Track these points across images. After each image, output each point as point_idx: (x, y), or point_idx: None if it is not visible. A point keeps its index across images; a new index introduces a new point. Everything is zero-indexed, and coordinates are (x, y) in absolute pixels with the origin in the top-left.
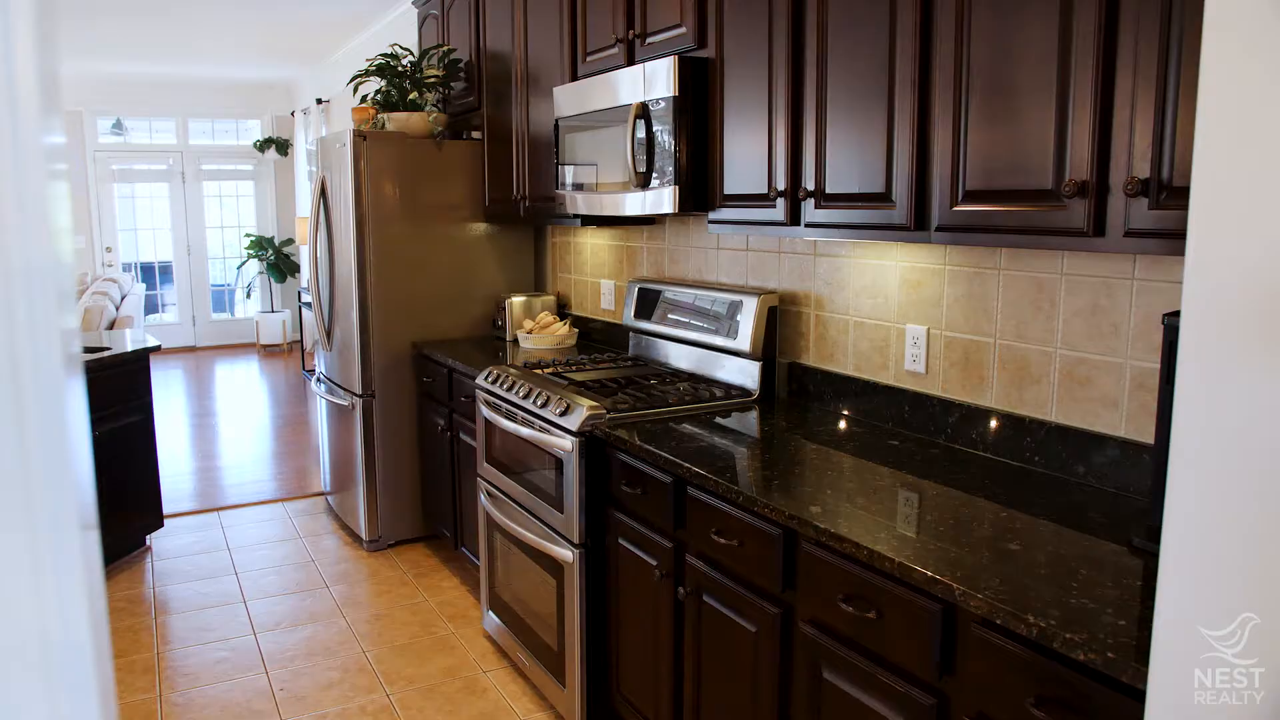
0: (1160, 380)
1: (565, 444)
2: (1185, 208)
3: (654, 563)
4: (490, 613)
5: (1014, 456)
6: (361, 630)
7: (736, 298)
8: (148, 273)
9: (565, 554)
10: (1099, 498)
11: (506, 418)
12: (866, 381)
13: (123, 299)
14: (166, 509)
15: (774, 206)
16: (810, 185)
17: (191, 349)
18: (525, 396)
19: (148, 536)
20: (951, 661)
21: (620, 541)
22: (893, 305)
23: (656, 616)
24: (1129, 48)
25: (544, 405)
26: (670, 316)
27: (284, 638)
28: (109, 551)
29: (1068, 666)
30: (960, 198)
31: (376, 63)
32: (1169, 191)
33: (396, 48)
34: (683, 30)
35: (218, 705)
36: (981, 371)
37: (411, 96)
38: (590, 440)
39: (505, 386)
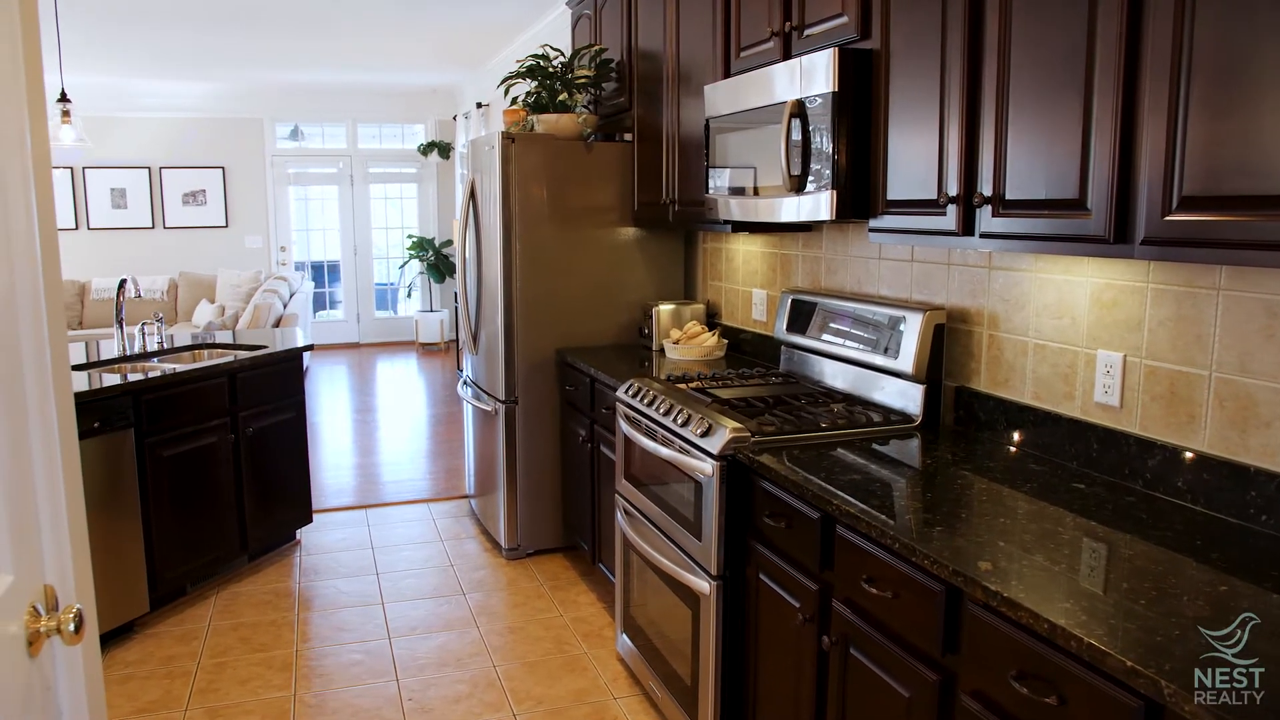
0: None
1: (705, 467)
2: None
3: (796, 604)
4: (624, 635)
5: (1232, 512)
6: (494, 643)
7: (899, 313)
8: (318, 271)
9: (702, 585)
10: None
11: (646, 435)
12: (1047, 412)
13: (291, 296)
14: (326, 503)
15: (944, 214)
16: (987, 190)
17: (355, 345)
18: (666, 413)
19: (298, 531)
20: None
21: (761, 577)
22: (1081, 327)
23: (798, 664)
24: None
25: (685, 424)
26: (825, 331)
27: (417, 644)
28: (260, 544)
29: None
30: (1174, 205)
31: (527, 64)
32: None
33: (548, 49)
34: (844, 20)
35: (348, 710)
36: (1191, 408)
37: (561, 98)
38: (732, 465)
39: (645, 401)
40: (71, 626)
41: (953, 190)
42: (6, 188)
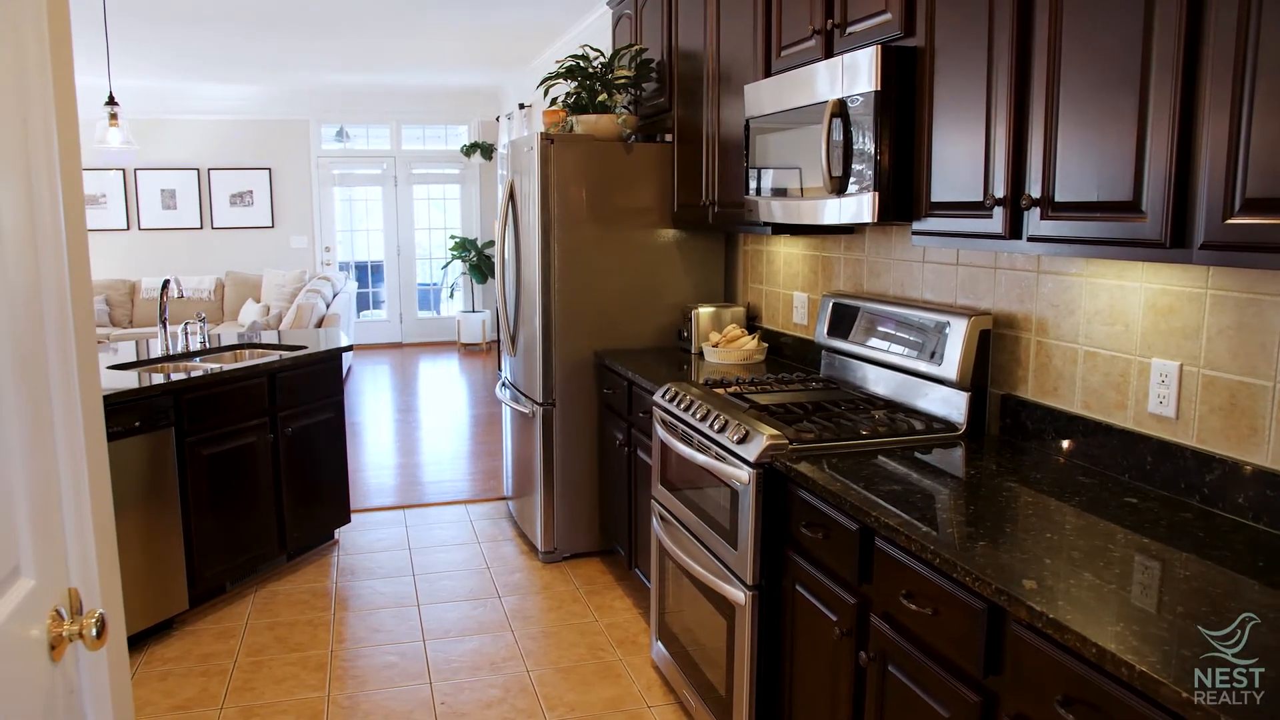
0: None
1: (741, 475)
2: None
3: (834, 618)
4: (659, 642)
5: None
6: (528, 647)
7: (943, 318)
8: (362, 271)
9: (737, 595)
10: None
11: (682, 440)
12: (1097, 422)
13: (334, 296)
14: (369, 502)
15: (990, 217)
16: (1035, 192)
17: (398, 345)
18: (702, 419)
19: (336, 531)
20: None
21: (797, 588)
22: (1134, 334)
23: (835, 679)
24: None
25: (721, 430)
26: (867, 336)
27: (451, 647)
28: (299, 544)
29: None
30: (1236, 208)
31: (566, 64)
32: None
33: (587, 49)
34: (888, 17)
35: (381, 713)
36: (1254, 421)
37: (601, 98)
38: (769, 473)
39: (682, 406)
40: (94, 632)
41: (999, 192)
42: (33, 189)
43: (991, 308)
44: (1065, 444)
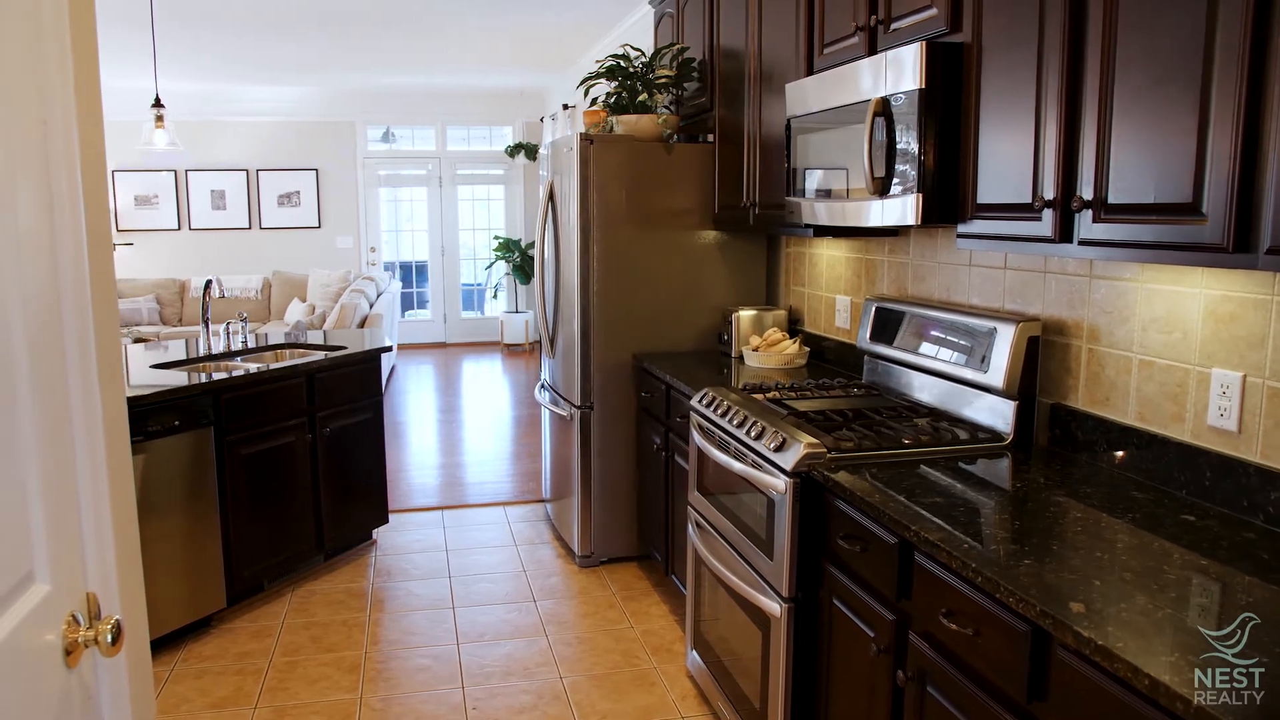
0: None
1: (778, 484)
2: None
3: (871, 634)
4: (694, 651)
5: None
6: (561, 653)
7: (990, 324)
8: (407, 271)
9: (773, 607)
10: None
11: (718, 447)
12: (1153, 435)
13: (378, 297)
14: (411, 502)
15: (1039, 219)
16: (1088, 194)
17: (442, 345)
18: (740, 425)
19: (374, 531)
20: None
21: (834, 601)
22: (1193, 343)
23: (872, 697)
24: None
25: (758, 437)
26: (910, 341)
27: (485, 652)
28: (336, 544)
29: None
30: None
31: (607, 64)
32: None
33: (628, 48)
34: (933, 12)
35: (412, 716)
36: None
37: (641, 98)
38: (806, 482)
39: (719, 411)
40: (109, 638)
41: (1049, 194)
42: (53, 192)
43: (1041, 313)
44: (1118, 456)
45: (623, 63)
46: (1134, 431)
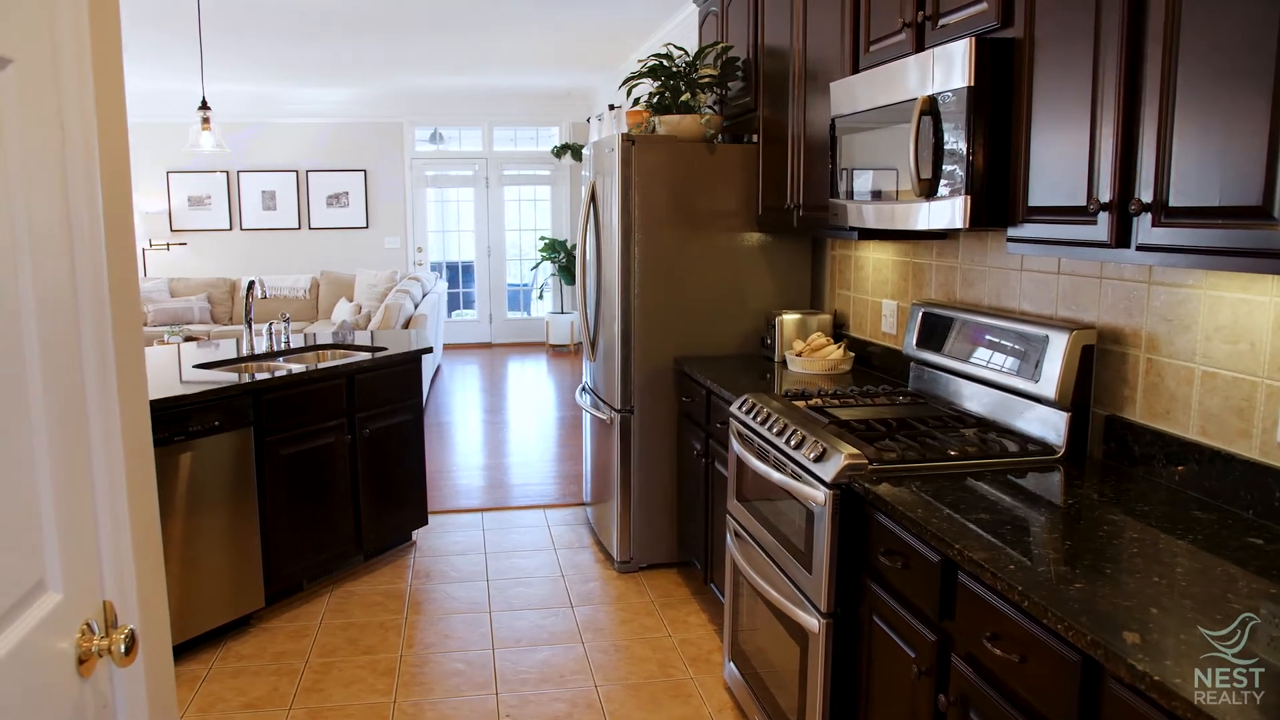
0: None
1: (817, 495)
2: None
3: (912, 655)
4: (731, 663)
5: None
6: (597, 660)
7: (1041, 332)
8: (453, 272)
9: (811, 622)
10: None
11: (757, 456)
12: (1216, 450)
13: (423, 297)
14: (458, 503)
15: (1094, 223)
16: (1146, 196)
17: (488, 345)
18: (779, 433)
19: (414, 533)
20: None
21: (874, 618)
22: (1261, 354)
23: None
24: None
25: (798, 446)
26: (959, 348)
27: (520, 657)
28: (375, 545)
29: None
30: None
31: (649, 64)
32: None
33: (671, 48)
34: (983, 7)
35: None
36: None
37: (684, 98)
38: (846, 494)
39: (759, 419)
40: (122, 648)
41: (1105, 196)
42: (69, 194)
43: (1095, 321)
44: (1177, 472)
45: (665, 62)
46: (1195, 446)
